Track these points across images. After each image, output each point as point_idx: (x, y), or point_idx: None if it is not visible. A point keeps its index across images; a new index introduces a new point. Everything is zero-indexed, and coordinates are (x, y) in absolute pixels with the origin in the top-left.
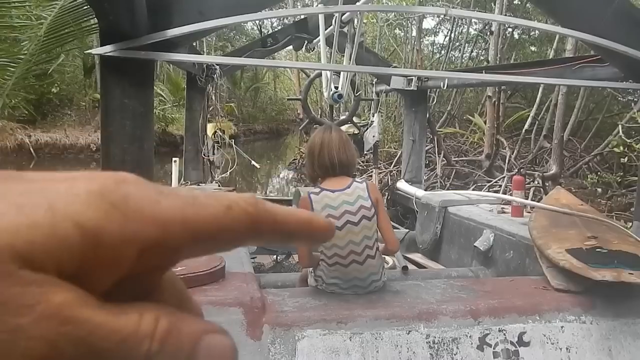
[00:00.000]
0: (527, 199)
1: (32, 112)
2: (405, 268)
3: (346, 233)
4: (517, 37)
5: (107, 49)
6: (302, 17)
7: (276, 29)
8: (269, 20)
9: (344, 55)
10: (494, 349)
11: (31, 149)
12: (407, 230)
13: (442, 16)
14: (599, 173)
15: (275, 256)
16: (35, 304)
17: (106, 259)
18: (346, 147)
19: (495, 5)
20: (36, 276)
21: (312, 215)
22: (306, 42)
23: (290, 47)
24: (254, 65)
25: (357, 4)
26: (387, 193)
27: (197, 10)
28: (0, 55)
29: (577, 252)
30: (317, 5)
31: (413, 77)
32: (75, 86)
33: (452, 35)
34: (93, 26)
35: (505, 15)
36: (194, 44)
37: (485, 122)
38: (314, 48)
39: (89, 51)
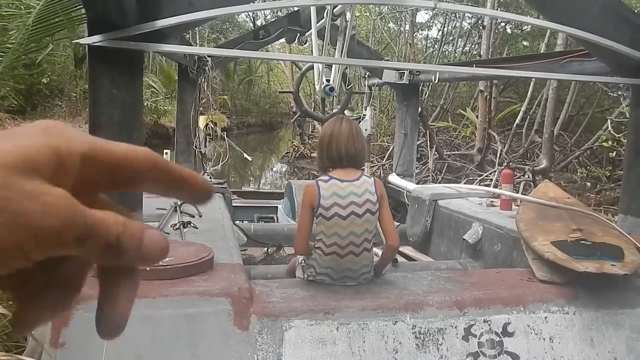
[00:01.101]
0: (517, 192)
1: (22, 103)
2: (395, 261)
3: (349, 224)
4: (509, 32)
5: (94, 39)
6: (295, 9)
7: (269, 22)
8: (262, 12)
9: (336, 48)
10: (478, 339)
11: None
12: (398, 223)
13: (432, 10)
14: (588, 167)
15: (266, 249)
16: (44, 193)
17: (64, 168)
18: (355, 139)
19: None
20: (39, 180)
21: (197, 175)
22: (298, 34)
23: (283, 39)
24: (245, 57)
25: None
26: None
27: (187, 1)
28: None
29: (562, 244)
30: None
31: (405, 71)
32: (66, 77)
33: (445, 29)
34: (82, 16)
35: (497, 10)
36: (185, 35)
37: (477, 117)
38: (306, 41)
39: (77, 41)
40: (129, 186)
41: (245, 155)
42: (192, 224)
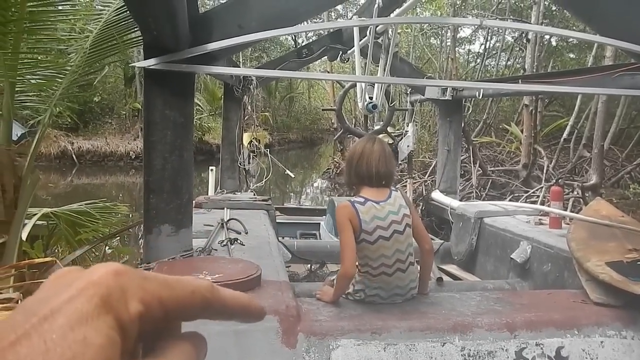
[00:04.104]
0: (565, 210)
1: (75, 120)
2: (440, 279)
3: (393, 243)
4: (554, 44)
5: (150, 62)
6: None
7: (311, 40)
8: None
9: (378, 66)
10: None
11: (73, 156)
12: (442, 241)
13: (478, 27)
14: None
15: (309, 265)
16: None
17: (126, 338)
18: (386, 159)
19: (532, 12)
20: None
21: (251, 300)
22: (341, 52)
23: (325, 57)
24: (290, 77)
25: (392, 15)
26: (421, 203)
27: (237, 25)
28: (48, 67)
29: (617, 265)
30: (352, 17)
31: (448, 87)
32: (116, 95)
33: (488, 43)
34: (136, 39)
35: (542, 23)
36: (232, 56)
37: (522, 131)
38: (348, 58)
39: (134, 64)
40: (183, 320)
41: (288, 172)
42: (239, 241)
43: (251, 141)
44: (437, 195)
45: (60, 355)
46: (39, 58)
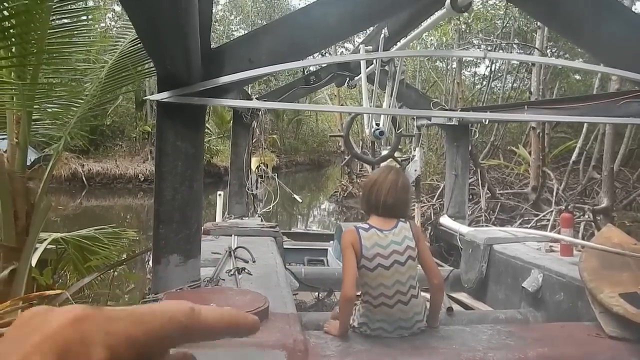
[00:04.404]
0: (577, 234)
1: (86, 144)
2: (450, 309)
3: (393, 273)
4: (560, 67)
5: (164, 96)
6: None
7: (319, 68)
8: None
9: (385, 92)
10: None
11: (83, 178)
12: (452, 268)
13: (483, 59)
14: None
15: (317, 293)
16: None
17: None
18: (397, 190)
19: (536, 36)
20: None
21: (239, 316)
22: (348, 79)
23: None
24: (298, 109)
25: (398, 44)
26: (429, 228)
27: (247, 58)
28: (64, 96)
29: (631, 297)
30: (358, 46)
31: (454, 111)
32: (127, 118)
33: (494, 66)
34: (149, 70)
35: (547, 46)
36: None
37: (530, 154)
38: (355, 85)
39: (148, 97)
40: (162, 351)
41: (295, 196)
42: (246, 270)
43: (259, 166)
44: (445, 220)
45: None
46: (56, 88)
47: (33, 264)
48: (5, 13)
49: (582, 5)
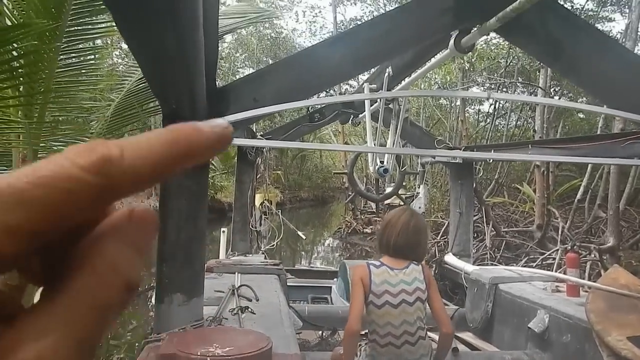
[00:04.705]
0: (583, 274)
1: None
2: (455, 350)
3: (401, 312)
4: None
5: None
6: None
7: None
8: (317, 96)
9: (389, 130)
10: None
11: None
12: (457, 307)
13: (486, 100)
14: None
15: (320, 332)
16: None
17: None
18: (408, 232)
19: (539, 75)
20: None
21: (184, 130)
22: (352, 116)
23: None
24: (303, 147)
25: (402, 83)
26: (434, 266)
27: (252, 98)
28: (71, 134)
29: (639, 340)
30: (362, 84)
31: (458, 150)
32: None
33: (498, 104)
34: (155, 108)
35: (550, 85)
36: None
37: (534, 191)
38: (359, 122)
39: None
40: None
41: (300, 233)
42: (249, 309)
43: (263, 202)
44: (450, 258)
45: None
46: (62, 126)
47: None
48: (14, 53)
49: (585, 47)
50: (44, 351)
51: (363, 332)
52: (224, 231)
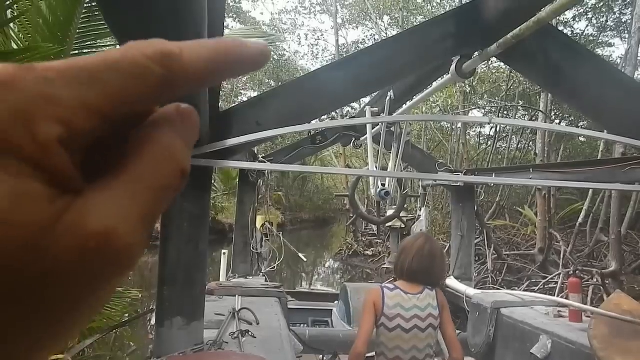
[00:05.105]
0: (585, 298)
1: None
2: None
3: (412, 337)
4: (566, 126)
5: None
6: (350, 117)
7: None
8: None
9: (390, 152)
10: None
11: None
12: (459, 331)
13: (488, 124)
14: None
15: (321, 356)
16: None
17: (48, 164)
18: (422, 257)
19: (540, 99)
20: None
21: (238, 45)
22: (354, 139)
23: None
24: (304, 171)
25: (404, 107)
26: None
27: (255, 121)
28: None
29: None
30: (364, 107)
31: (460, 173)
32: None
33: (499, 127)
34: None
35: (551, 110)
36: None
37: (536, 215)
38: (361, 145)
39: None
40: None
41: (301, 255)
42: (250, 333)
43: (264, 224)
44: (451, 282)
45: None
46: None
47: None
48: None
49: (584, 74)
50: (111, 223)
51: (369, 355)
52: (224, 253)
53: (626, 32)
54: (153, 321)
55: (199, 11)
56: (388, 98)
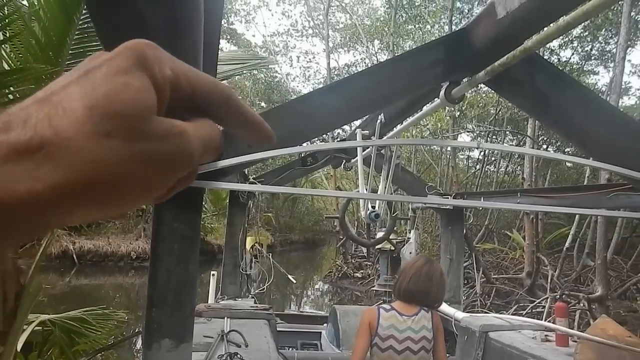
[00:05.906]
0: (572, 322)
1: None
2: None
3: (403, 359)
4: (553, 152)
5: None
6: (341, 139)
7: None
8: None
9: (380, 174)
10: None
11: (74, 255)
12: (448, 355)
13: (476, 149)
14: None
15: None
16: (173, 134)
17: (161, 97)
18: (419, 278)
19: (527, 125)
20: (159, 119)
21: (262, 121)
22: (344, 161)
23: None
24: (295, 193)
25: (391, 134)
26: None
27: (247, 144)
28: None
29: None
30: (355, 130)
31: (449, 197)
32: None
33: (487, 151)
34: None
35: (538, 135)
36: None
37: (524, 238)
38: (352, 167)
39: None
40: (202, 114)
41: (290, 277)
42: (239, 355)
43: (254, 245)
44: (440, 305)
45: (106, 91)
46: None
47: (18, 348)
48: (11, 97)
49: (570, 102)
50: (187, 127)
51: None
52: (213, 274)
53: (610, 60)
54: (139, 344)
55: (197, 38)
56: (378, 121)
